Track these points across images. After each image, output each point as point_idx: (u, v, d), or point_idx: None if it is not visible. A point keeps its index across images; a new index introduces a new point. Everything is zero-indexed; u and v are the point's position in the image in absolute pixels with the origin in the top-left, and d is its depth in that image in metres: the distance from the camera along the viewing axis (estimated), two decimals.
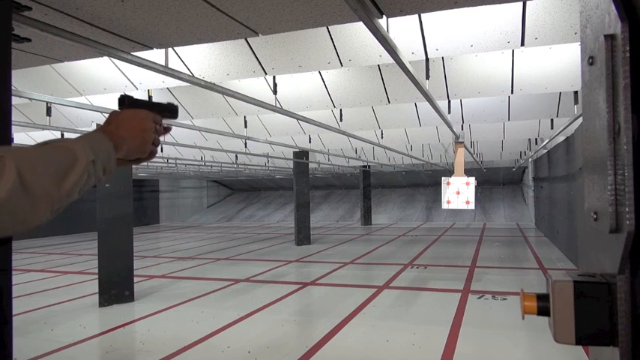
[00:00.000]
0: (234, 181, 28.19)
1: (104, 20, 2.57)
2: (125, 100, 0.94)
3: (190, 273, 8.65)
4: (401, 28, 3.81)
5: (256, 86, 5.68)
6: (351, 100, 5.73)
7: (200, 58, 4.35)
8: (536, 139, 11.03)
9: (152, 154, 0.95)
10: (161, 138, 1.00)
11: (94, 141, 0.81)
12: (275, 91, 5.50)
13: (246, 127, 7.95)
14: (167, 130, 1.01)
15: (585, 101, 0.72)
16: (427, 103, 4.87)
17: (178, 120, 6.80)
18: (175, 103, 6.58)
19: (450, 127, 6.48)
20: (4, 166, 0.63)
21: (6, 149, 0.67)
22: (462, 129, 8.60)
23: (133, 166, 8.78)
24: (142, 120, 0.91)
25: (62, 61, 3.33)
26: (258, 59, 4.27)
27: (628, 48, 0.56)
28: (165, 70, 3.48)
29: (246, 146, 10.83)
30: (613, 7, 0.57)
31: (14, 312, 1.78)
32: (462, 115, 7.08)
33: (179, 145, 9.03)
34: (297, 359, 4.02)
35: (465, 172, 8.12)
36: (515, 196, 22.88)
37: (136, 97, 0.96)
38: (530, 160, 16.50)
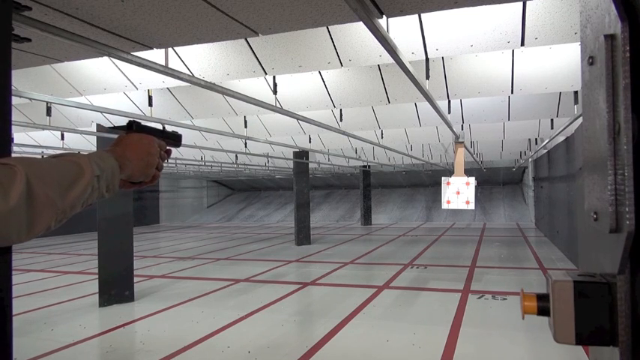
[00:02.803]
0: (234, 181, 28.19)
1: (104, 20, 2.57)
2: (133, 125, 0.98)
3: (190, 273, 8.65)
4: (401, 28, 3.81)
5: (256, 86, 5.68)
6: (351, 100, 5.74)
7: (200, 58, 4.35)
8: (536, 139, 11.03)
9: (155, 178, 1.00)
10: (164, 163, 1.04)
11: (100, 158, 0.84)
12: (275, 91, 5.50)
13: (246, 127, 7.95)
14: (168, 153, 1.06)
15: (585, 101, 0.72)
16: (427, 103, 4.87)
17: (178, 120, 6.80)
18: (175, 103, 6.57)
19: (450, 127, 6.48)
20: (15, 174, 0.66)
21: (17, 159, 0.70)
22: (462, 129, 8.61)
23: None
24: (147, 144, 0.95)
25: (62, 61, 3.33)
26: (258, 59, 4.27)
27: (628, 48, 0.56)
28: (165, 70, 3.48)
29: (246, 146, 10.84)
30: (613, 7, 0.57)
31: (14, 312, 1.78)
32: (462, 115, 7.08)
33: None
34: (297, 359, 4.02)
35: (465, 172, 8.13)
36: (515, 196, 22.88)
37: (143, 123, 1.01)
38: (530, 160, 16.50)
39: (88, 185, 0.78)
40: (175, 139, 1.08)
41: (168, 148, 1.04)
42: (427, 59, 4.42)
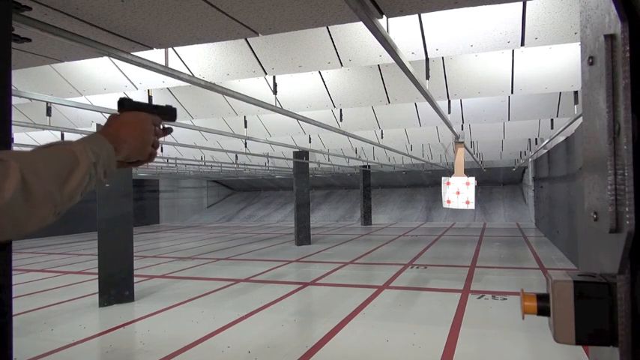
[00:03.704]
0: (234, 181, 28.19)
1: (104, 20, 2.57)
2: (124, 103, 0.94)
3: (190, 273, 8.65)
4: (401, 28, 3.81)
5: (256, 86, 5.68)
6: (351, 100, 5.73)
7: (200, 58, 4.35)
8: (536, 139, 11.03)
9: (152, 156, 0.96)
10: (161, 139, 1.01)
11: (94, 143, 0.81)
12: (275, 91, 5.50)
13: (246, 127, 7.95)
14: (167, 131, 1.02)
15: (585, 101, 0.72)
16: (427, 103, 4.87)
17: (178, 120, 6.80)
18: (175, 103, 6.57)
19: (450, 127, 6.47)
20: (7, 169, 0.64)
21: (9, 153, 0.67)
22: (462, 129, 8.61)
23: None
24: (141, 122, 0.92)
25: (62, 61, 3.33)
26: (258, 59, 4.27)
27: (628, 48, 0.56)
28: (165, 70, 3.48)
29: (246, 146, 10.83)
30: (613, 7, 0.57)
31: (14, 312, 1.78)
32: (462, 115, 7.08)
33: (179, 145, 9.03)
34: (297, 359, 4.02)
35: (465, 172, 8.12)
36: (515, 196, 22.88)
37: (135, 99, 0.97)
38: (530, 160, 16.50)
39: (86, 174, 0.76)
40: (170, 114, 1.03)
41: (166, 126, 1.01)
42: (427, 59, 4.42)
